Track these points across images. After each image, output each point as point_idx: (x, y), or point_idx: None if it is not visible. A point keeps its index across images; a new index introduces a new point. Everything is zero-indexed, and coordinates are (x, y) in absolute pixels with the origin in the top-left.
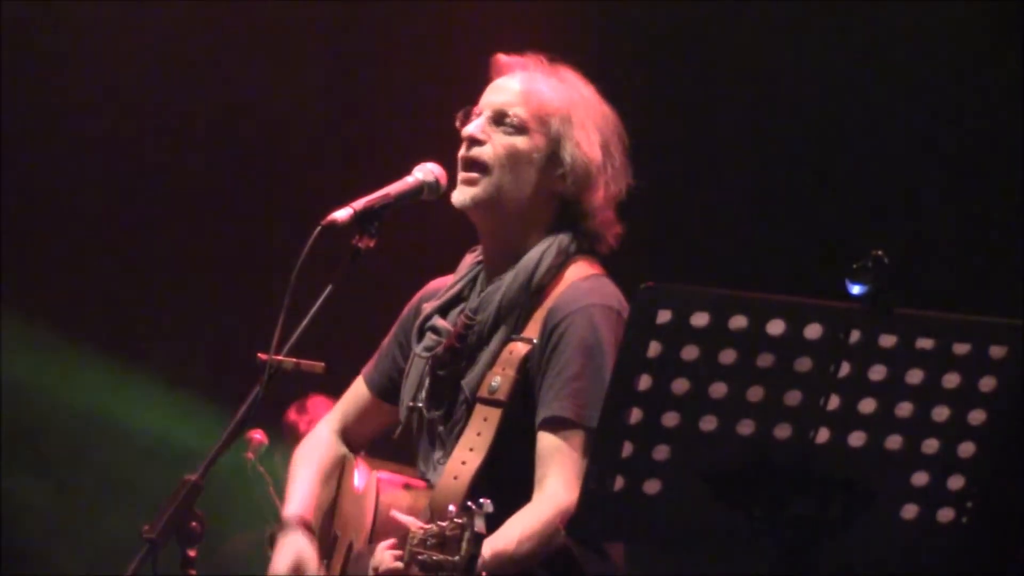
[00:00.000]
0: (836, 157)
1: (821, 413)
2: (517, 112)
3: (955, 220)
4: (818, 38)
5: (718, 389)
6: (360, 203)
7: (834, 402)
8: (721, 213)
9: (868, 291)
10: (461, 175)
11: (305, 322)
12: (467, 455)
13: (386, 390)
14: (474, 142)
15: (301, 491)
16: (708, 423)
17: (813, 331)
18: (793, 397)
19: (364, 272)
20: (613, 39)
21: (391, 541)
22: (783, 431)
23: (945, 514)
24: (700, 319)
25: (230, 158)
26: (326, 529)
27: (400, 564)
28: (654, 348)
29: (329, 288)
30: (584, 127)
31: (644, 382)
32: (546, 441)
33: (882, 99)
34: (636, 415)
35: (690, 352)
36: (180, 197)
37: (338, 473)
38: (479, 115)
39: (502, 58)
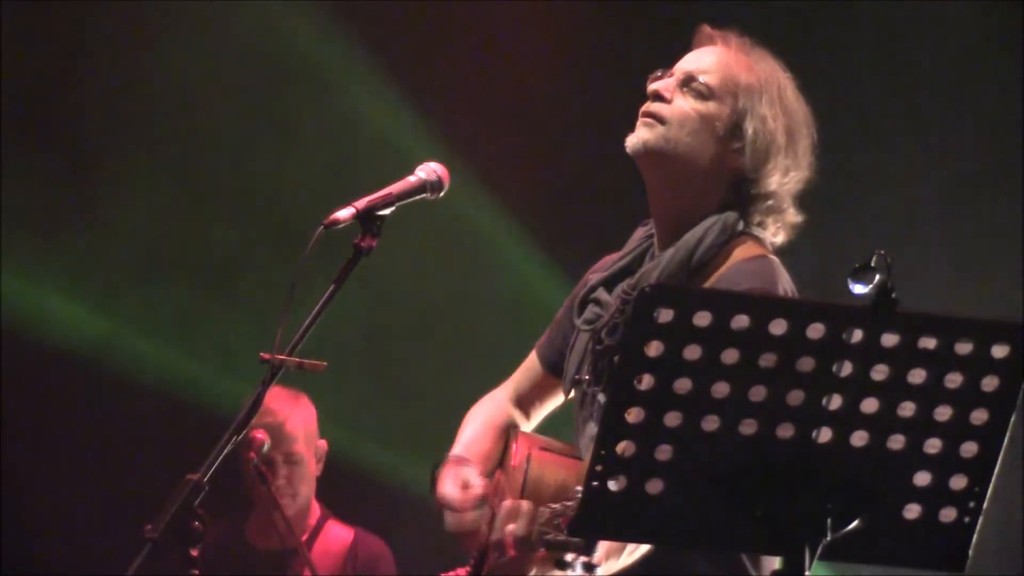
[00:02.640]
0: (834, 157)
1: (823, 413)
2: (706, 79)
3: (955, 219)
4: (820, 37)
5: (720, 389)
6: (362, 202)
7: (836, 402)
8: None
9: (870, 291)
10: (640, 120)
11: (308, 322)
12: None
13: (556, 365)
14: (657, 97)
15: (469, 438)
16: (710, 423)
17: (815, 331)
18: (795, 397)
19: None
20: (614, 39)
21: (524, 522)
22: (785, 431)
23: (947, 514)
24: (702, 318)
25: (231, 157)
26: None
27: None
28: (656, 348)
29: (332, 288)
30: (772, 107)
31: (646, 382)
32: None
33: (882, 97)
34: (638, 415)
35: (692, 352)
36: (179, 196)
37: (506, 438)
38: (671, 77)
39: (705, 29)
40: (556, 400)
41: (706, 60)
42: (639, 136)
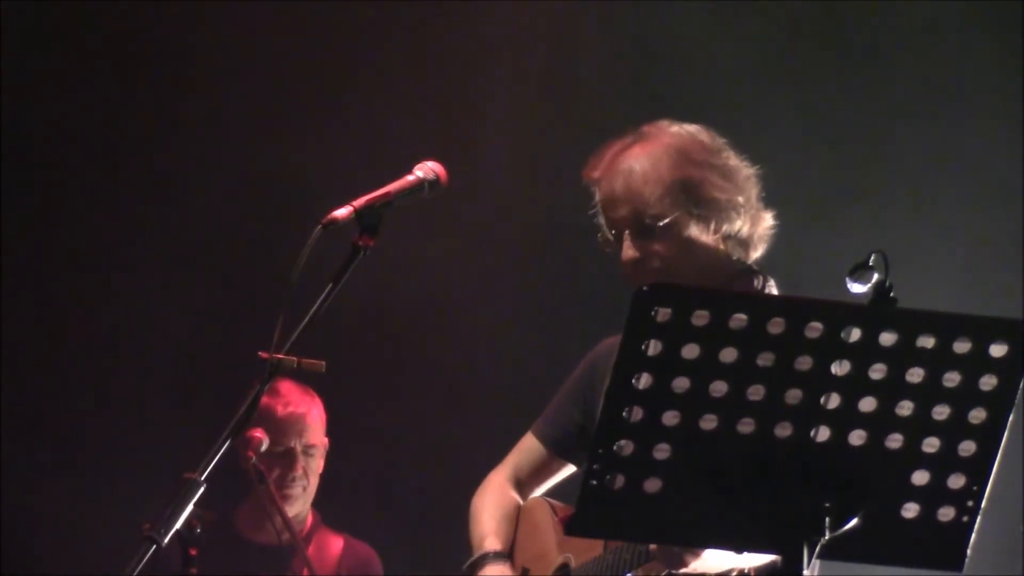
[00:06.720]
0: (834, 157)
1: (821, 412)
2: (651, 214)
3: (955, 218)
4: (821, 38)
5: (718, 388)
6: (360, 201)
7: (835, 401)
8: None
9: (869, 290)
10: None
11: (306, 320)
12: None
13: (563, 446)
14: (637, 262)
15: (491, 528)
16: (709, 422)
17: (813, 330)
18: (794, 396)
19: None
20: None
21: None
22: (784, 430)
23: (945, 513)
24: (700, 318)
25: (229, 156)
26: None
27: None
28: (654, 347)
29: (330, 287)
30: (705, 180)
31: (645, 380)
32: None
33: (881, 97)
34: (637, 414)
35: (691, 351)
36: (179, 195)
37: (516, 517)
38: (614, 233)
39: (592, 174)
40: (559, 477)
41: (621, 196)
42: (649, 279)
